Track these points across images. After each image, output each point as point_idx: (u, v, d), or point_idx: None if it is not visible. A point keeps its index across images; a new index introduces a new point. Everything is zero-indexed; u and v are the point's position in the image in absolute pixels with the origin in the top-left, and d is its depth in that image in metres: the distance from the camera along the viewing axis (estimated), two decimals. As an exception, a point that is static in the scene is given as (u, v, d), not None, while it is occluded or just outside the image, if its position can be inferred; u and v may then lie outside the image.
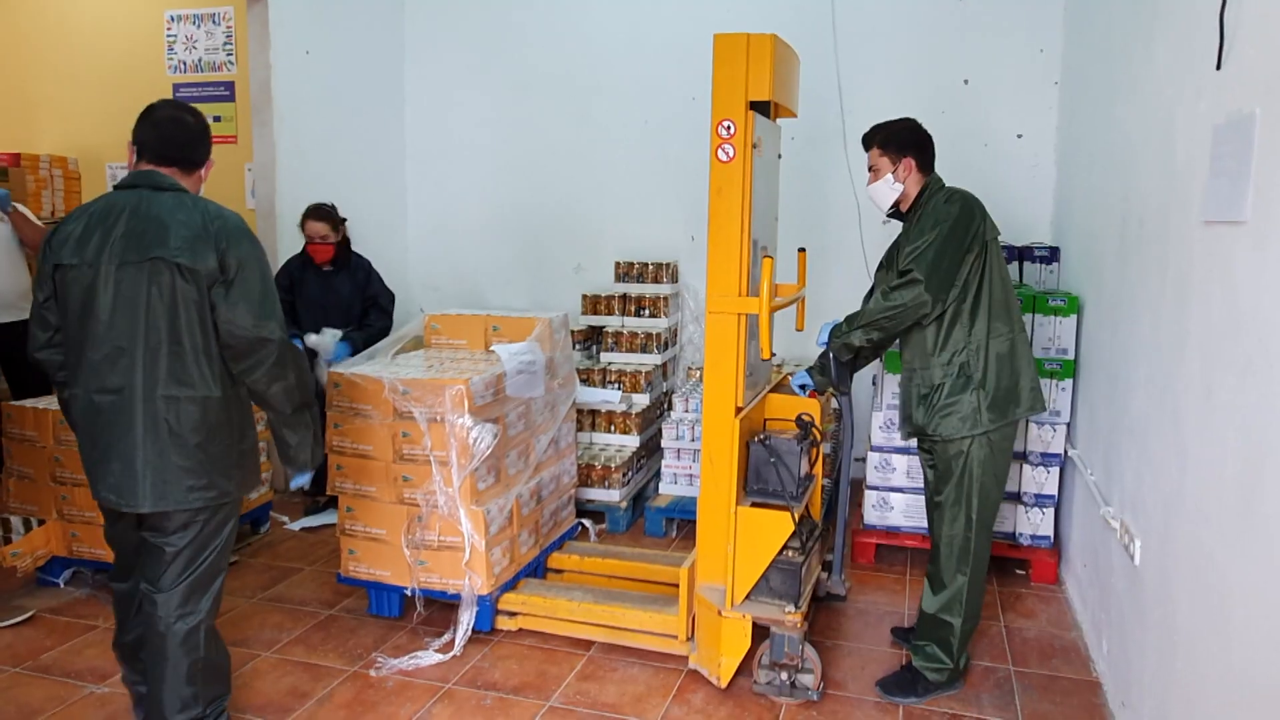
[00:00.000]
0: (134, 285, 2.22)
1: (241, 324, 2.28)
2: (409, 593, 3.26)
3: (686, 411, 4.44)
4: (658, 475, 4.59)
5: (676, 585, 3.17)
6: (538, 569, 3.62)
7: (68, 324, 2.31)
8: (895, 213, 2.93)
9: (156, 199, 2.28)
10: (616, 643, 3.17)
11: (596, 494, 4.37)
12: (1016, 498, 3.81)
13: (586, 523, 4.16)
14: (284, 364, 2.38)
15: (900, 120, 2.91)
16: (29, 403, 3.66)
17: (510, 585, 3.37)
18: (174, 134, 2.39)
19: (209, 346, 2.29)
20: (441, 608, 3.34)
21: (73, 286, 2.27)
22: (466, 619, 3.15)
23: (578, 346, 4.82)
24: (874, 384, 4.29)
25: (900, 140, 2.87)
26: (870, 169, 2.92)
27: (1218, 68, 2.03)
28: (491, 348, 3.58)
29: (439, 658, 3.07)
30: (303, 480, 2.66)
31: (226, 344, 2.31)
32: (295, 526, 4.39)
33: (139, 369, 2.23)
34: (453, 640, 3.13)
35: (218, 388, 2.31)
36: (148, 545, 2.37)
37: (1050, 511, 3.78)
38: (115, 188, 2.34)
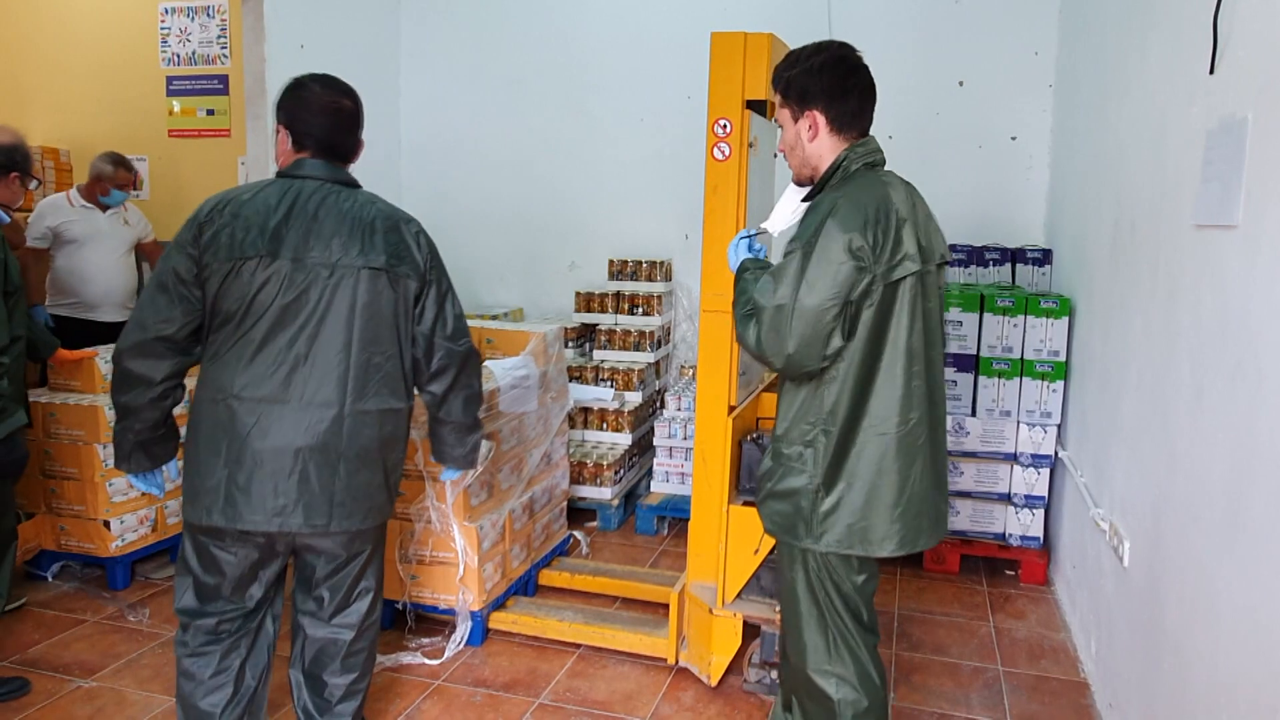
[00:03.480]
0: (343, 290, 2.06)
1: (449, 336, 2.23)
2: (400, 606, 3.25)
3: (679, 410, 4.44)
4: (650, 473, 4.60)
5: (666, 605, 3.16)
6: (529, 584, 3.61)
7: (235, 322, 2.05)
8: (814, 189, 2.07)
9: (345, 195, 2.13)
10: (607, 646, 3.18)
11: (588, 492, 4.37)
12: (1007, 498, 3.83)
13: (578, 534, 4.15)
14: (473, 373, 2.33)
15: (816, 51, 2.02)
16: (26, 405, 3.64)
17: (502, 600, 3.37)
18: (340, 123, 2.19)
19: (403, 357, 2.19)
20: (432, 622, 3.31)
21: (257, 283, 2.03)
22: (459, 635, 3.15)
23: (570, 344, 4.82)
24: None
25: (803, 86, 2.00)
26: (776, 122, 2.14)
27: (1210, 72, 2.04)
28: (485, 363, 3.58)
29: (428, 662, 3.06)
30: (454, 475, 2.62)
31: (428, 355, 2.22)
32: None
33: (337, 379, 2.07)
34: (443, 649, 3.12)
35: (409, 399, 2.25)
36: (311, 569, 2.28)
37: (1040, 513, 3.79)
38: (281, 175, 2.16)
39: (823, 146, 2.02)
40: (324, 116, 2.15)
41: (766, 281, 1.93)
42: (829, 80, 1.98)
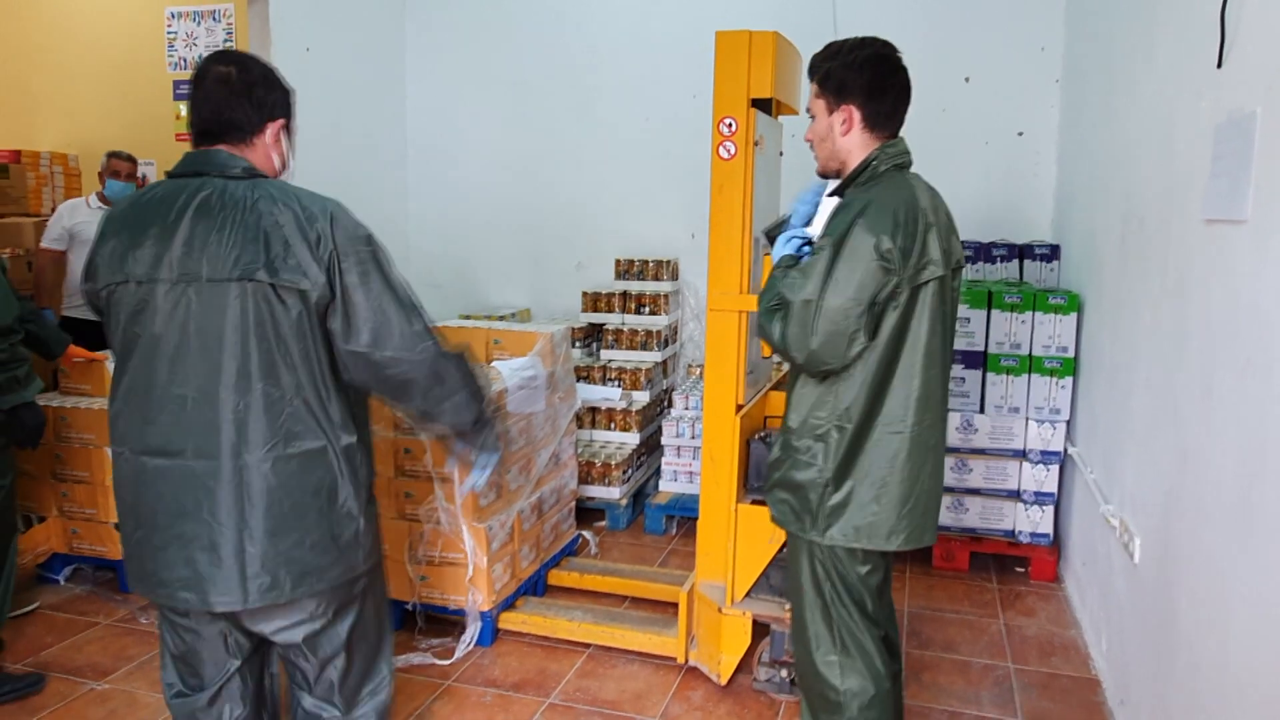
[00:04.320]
0: (209, 310, 1.64)
1: (398, 346, 1.73)
2: (410, 608, 3.25)
3: (687, 409, 4.44)
4: (658, 472, 4.59)
5: (676, 604, 3.17)
6: (538, 584, 3.62)
7: (119, 359, 1.74)
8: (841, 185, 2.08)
9: (219, 190, 1.66)
10: (617, 646, 3.18)
11: (597, 491, 4.38)
12: (1016, 495, 3.82)
13: (587, 534, 4.15)
14: (454, 376, 1.83)
15: (859, 46, 2.01)
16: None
17: (511, 600, 3.37)
18: (209, 97, 1.72)
19: (319, 385, 1.72)
20: (442, 623, 3.32)
21: (120, 311, 1.70)
22: (469, 635, 3.15)
23: (578, 344, 4.82)
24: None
25: (842, 79, 2.00)
26: (809, 111, 2.11)
27: (1218, 66, 2.03)
28: (492, 364, 3.59)
29: (438, 662, 3.07)
30: (479, 478, 2.03)
31: (376, 375, 1.76)
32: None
33: (232, 423, 1.65)
34: (453, 649, 3.13)
35: (336, 434, 1.74)
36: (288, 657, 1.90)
37: (1050, 509, 3.78)
38: (169, 174, 1.74)
39: (854, 142, 2.02)
40: (197, 93, 1.73)
41: (795, 277, 1.94)
42: (869, 77, 1.98)
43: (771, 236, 2.30)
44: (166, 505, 1.67)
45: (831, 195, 2.11)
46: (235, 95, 1.72)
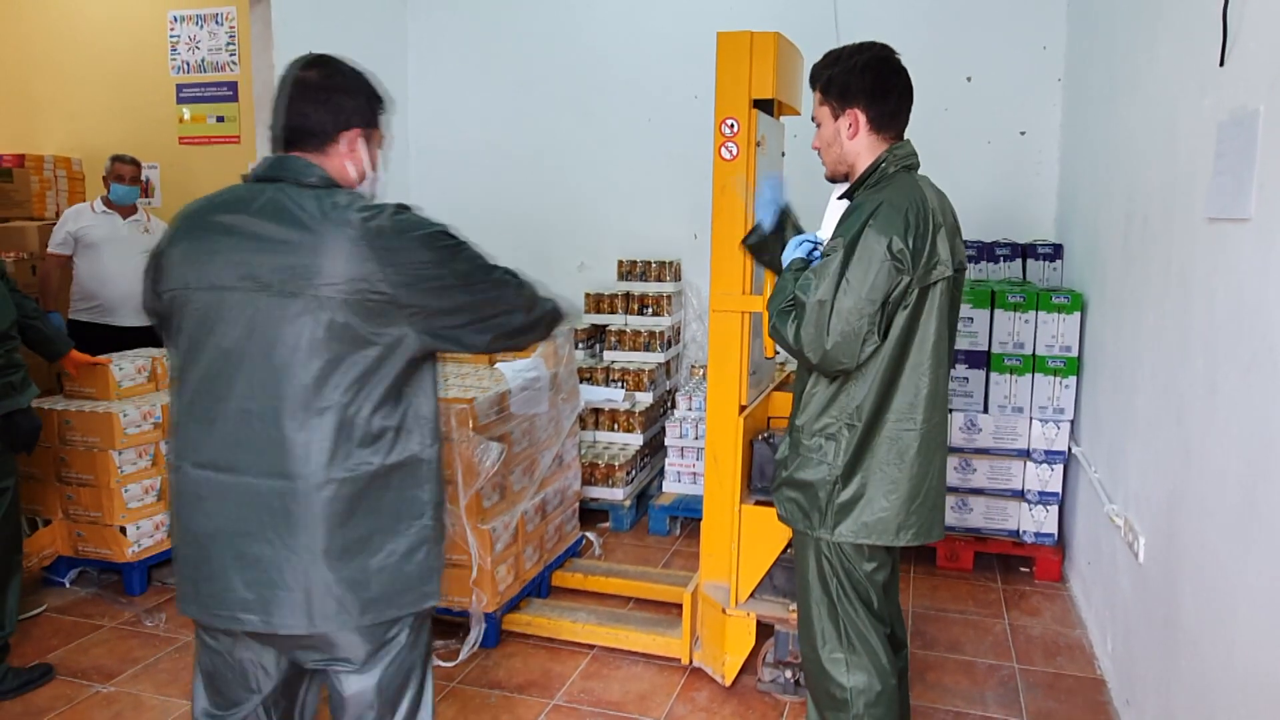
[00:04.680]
0: (281, 322, 1.54)
1: (491, 340, 1.73)
2: None
3: (690, 410, 4.44)
4: (661, 473, 4.59)
5: (680, 605, 3.15)
6: (542, 585, 3.61)
7: (175, 368, 1.65)
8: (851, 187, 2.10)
9: (281, 196, 1.59)
10: (620, 647, 3.18)
11: (600, 492, 4.38)
12: (1020, 495, 3.81)
13: (591, 535, 4.15)
14: (542, 322, 1.83)
15: (859, 51, 2.04)
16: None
17: (515, 602, 3.37)
18: (291, 101, 1.66)
19: (394, 400, 1.62)
20: (446, 624, 3.32)
21: (185, 317, 1.62)
22: (473, 637, 3.15)
23: (581, 345, 4.83)
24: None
25: (845, 84, 2.03)
26: (814, 120, 2.14)
27: (1221, 64, 2.02)
28: (496, 365, 3.60)
29: (443, 664, 3.07)
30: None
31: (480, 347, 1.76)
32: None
33: (297, 440, 1.56)
34: (457, 650, 3.14)
35: (395, 450, 1.63)
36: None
37: (1054, 509, 3.78)
38: (246, 178, 1.69)
39: (861, 145, 2.05)
40: (280, 99, 1.67)
41: (807, 279, 1.96)
42: (871, 79, 2.01)
43: (748, 245, 2.36)
44: (228, 523, 1.58)
45: (841, 199, 2.13)
46: (312, 102, 1.66)
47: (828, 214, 2.26)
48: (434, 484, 1.70)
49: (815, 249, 2.13)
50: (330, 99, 1.67)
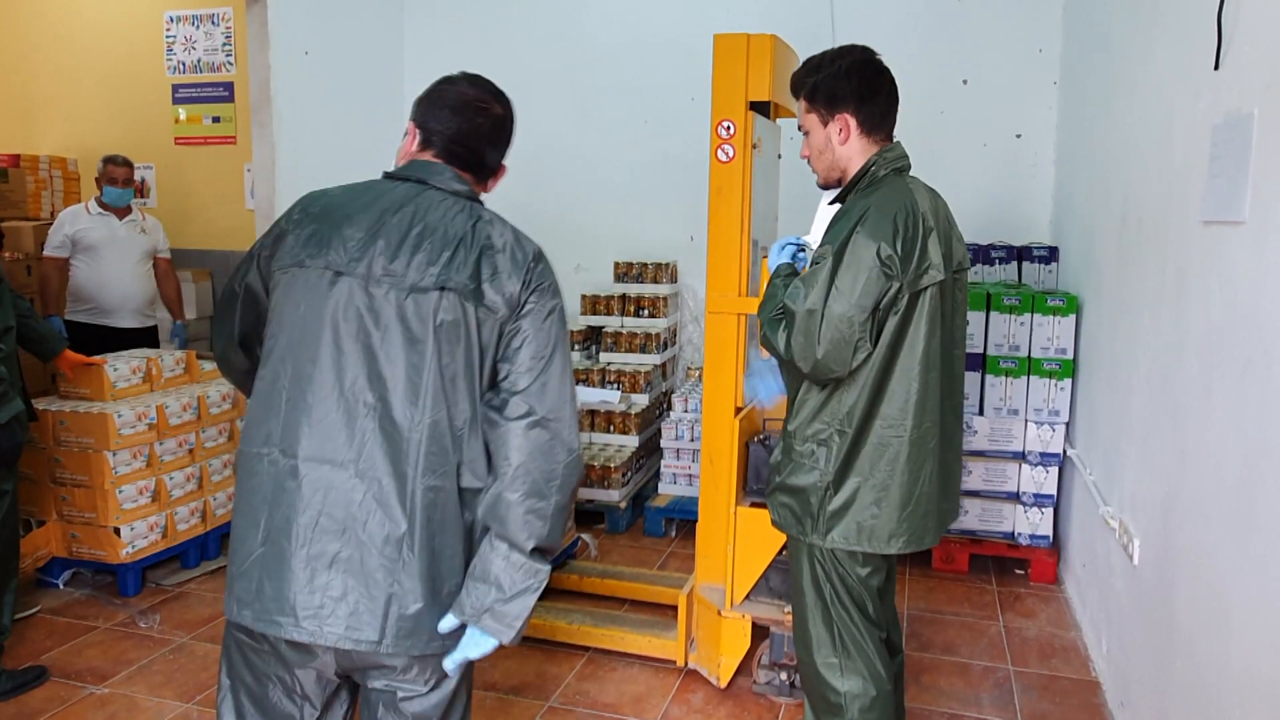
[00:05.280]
0: (405, 317, 1.51)
1: (533, 395, 1.56)
2: None
3: (686, 411, 4.44)
4: (657, 475, 4.59)
5: (675, 607, 3.15)
6: (539, 588, 3.61)
7: (277, 349, 1.55)
8: (842, 192, 2.09)
9: (440, 203, 1.62)
10: (615, 649, 3.17)
11: (596, 494, 4.37)
12: (1016, 497, 3.82)
13: (586, 537, 4.14)
14: (558, 486, 1.57)
15: (840, 55, 2.02)
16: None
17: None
18: (476, 126, 1.74)
19: (475, 410, 1.56)
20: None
21: (295, 295, 1.54)
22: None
23: (577, 347, 4.82)
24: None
25: (831, 89, 2.01)
26: (801, 129, 2.13)
27: (1216, 68, 2.03)
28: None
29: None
30: (466, 654, 1.61)
31: (501, 410, 1.56)
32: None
33: (410, 439, 1.50)
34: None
35: (461, 478, 1.55)
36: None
37: (1049, 511, 3.78)
38: (387, 175, 1.71)
39: (853, 149, 2.03)
40: (458, 114, 1.73)
41: (797, 287, 1.95)
42: (857, 82, 2.00)
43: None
44: (311, 519, 1.46)
45: (832, 204, 2.12)
46: (497, 143, 1.81)
47: (817, 218, 2.26)
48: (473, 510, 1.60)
49: (800, 251, 2.13)
50: (506, 144, 1.84)
